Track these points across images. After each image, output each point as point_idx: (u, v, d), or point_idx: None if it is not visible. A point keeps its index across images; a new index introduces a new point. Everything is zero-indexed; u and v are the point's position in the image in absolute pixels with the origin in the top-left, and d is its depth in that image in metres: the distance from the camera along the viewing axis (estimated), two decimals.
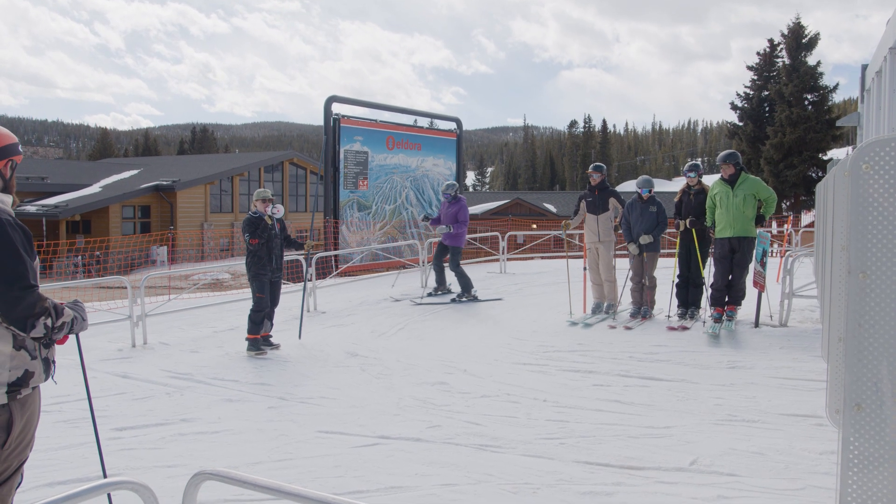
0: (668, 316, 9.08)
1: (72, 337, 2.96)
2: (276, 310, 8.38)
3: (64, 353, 8.07)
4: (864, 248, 1.81)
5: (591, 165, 9.80)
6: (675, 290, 9.09)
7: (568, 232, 9.85)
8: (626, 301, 9.80)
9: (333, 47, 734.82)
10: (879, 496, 1.86)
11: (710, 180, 9.19)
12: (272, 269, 8.09)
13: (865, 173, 1.79)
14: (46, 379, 2.92)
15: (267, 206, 8.01)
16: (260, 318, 8.04)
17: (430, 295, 11.37)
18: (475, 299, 10.98)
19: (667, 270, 10.13)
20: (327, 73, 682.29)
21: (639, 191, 9.21)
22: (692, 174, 8.98)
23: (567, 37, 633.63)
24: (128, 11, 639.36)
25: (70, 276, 26.09)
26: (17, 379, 2.74)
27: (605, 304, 9.56)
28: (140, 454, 5.02)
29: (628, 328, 8.62)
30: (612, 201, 9.48)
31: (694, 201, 8.78)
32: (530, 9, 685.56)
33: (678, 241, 9.05)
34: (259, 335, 8.05)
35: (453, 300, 10.99)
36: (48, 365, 2.90)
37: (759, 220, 8.18)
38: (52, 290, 13.40)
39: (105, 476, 3.16)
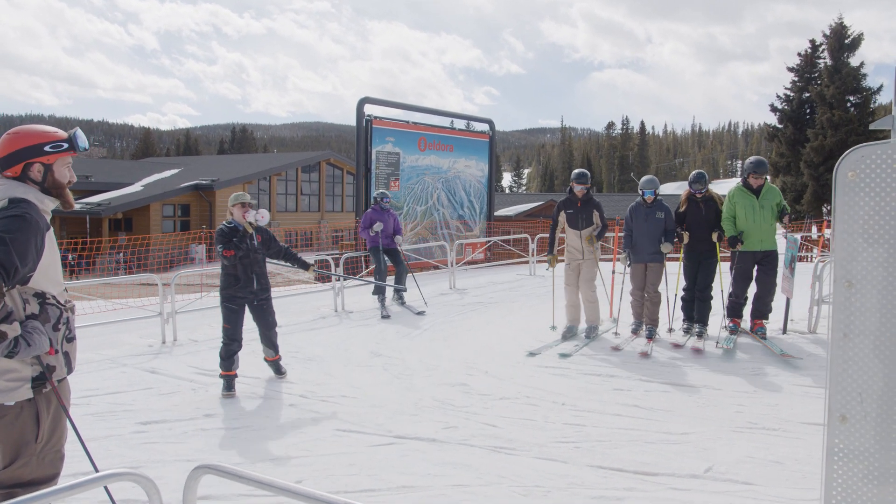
0: (671, 330, 8.46)
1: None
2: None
3: (95, 349, 8.29)
4: (850, 257, 1.79)
5: (575, 174, 8.54)
6: (680, 303, 8.47)
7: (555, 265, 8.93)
8: (626, 313, 9.09)
9: (363, 47, 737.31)
10: None
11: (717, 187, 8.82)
12: (252, 291, 6.67)
13: (851, 181, 1.77)
14: (69, 373, 3.03)
15: (246, 213, 6.57)
16: (230, 353, 6.60)
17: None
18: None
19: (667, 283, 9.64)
20: (357, 72, 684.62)
21: (641, 193, 8.28)
22: (703, 189, 8.17)
23: (597, 37, 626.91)
24: (161, 12, 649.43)
25: (112, 273, 26.77)
26: (39, 373, 2.85)
27: (587, 327, 8.56)
28: (162, 448, 5.15)
29: (645, 354, 7.70)
30: (596, 215, 8.49)
31: (704, 210, 8.08)
32: (558, 9, 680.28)
33: (683, 252, 8.30)
34: (231, 371, 6.60)
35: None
36: (68, 359, 3.00)
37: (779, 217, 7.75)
38: (91, 286, 13.73)
39: (96, 470, 3.22)
